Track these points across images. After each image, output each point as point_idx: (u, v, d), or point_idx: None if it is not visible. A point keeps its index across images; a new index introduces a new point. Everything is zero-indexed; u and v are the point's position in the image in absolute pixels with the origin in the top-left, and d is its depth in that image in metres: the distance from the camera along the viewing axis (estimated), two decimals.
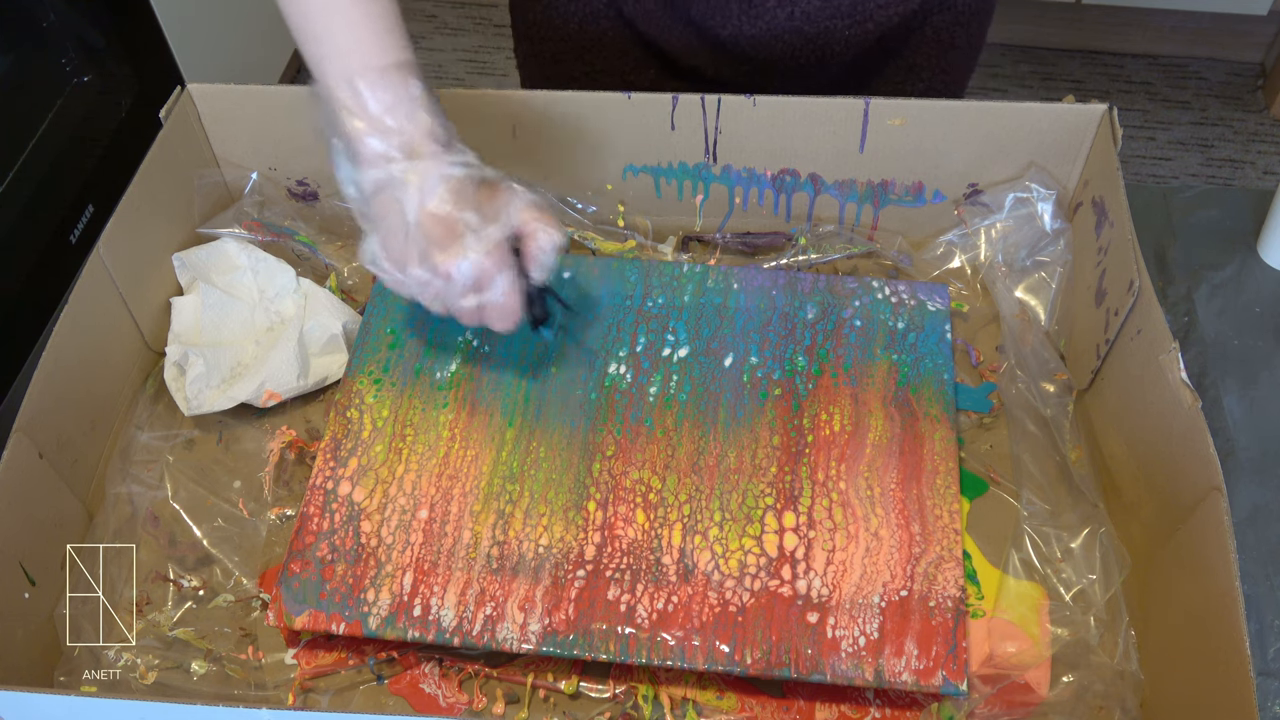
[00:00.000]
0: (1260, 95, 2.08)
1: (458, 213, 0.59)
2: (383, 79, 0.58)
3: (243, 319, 0.76)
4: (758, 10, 0.77)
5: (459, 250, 0.59)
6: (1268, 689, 0.63)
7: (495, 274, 0.60)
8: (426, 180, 0.58)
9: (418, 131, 0.58)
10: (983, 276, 0.78)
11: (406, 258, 0.59)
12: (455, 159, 0.59)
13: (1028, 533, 0.65)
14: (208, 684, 0.63)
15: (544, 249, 0.61)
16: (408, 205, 0.58)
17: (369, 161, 0.59)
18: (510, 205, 0.60)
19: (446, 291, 0.60)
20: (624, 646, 0.60)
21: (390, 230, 0.59)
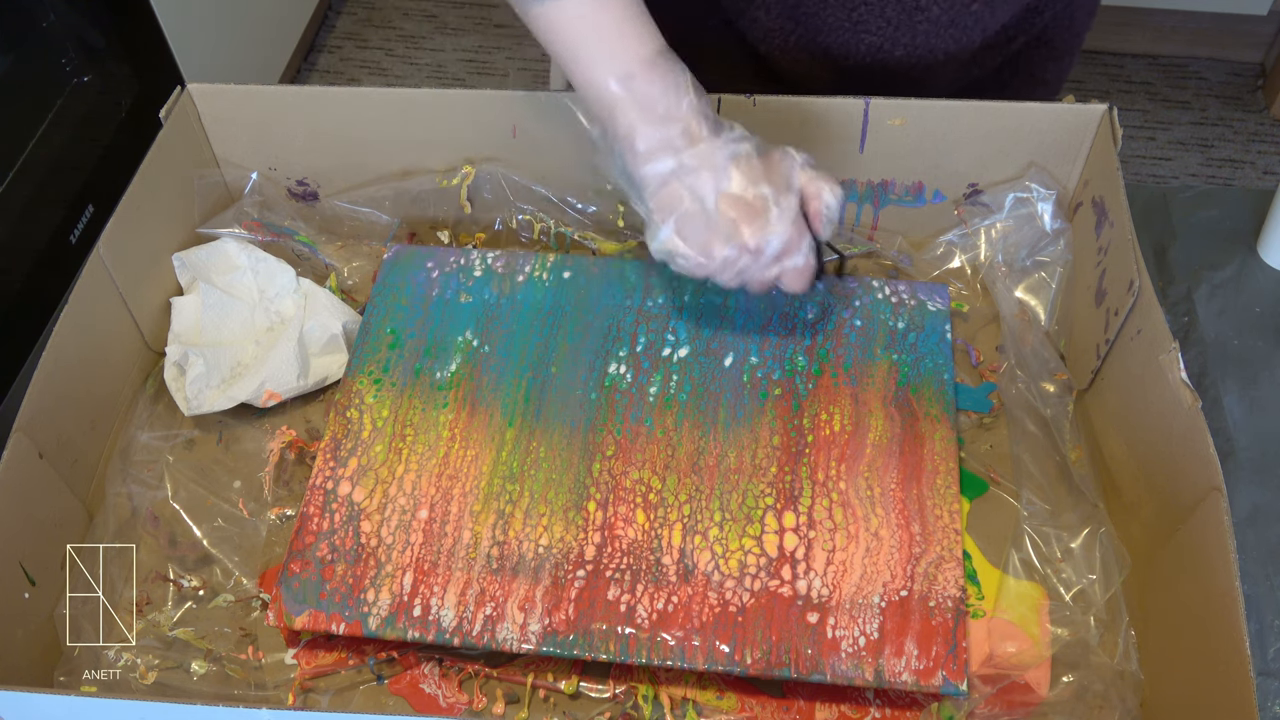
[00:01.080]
0: (1260, 95, 2.08)
1: (754, 189, 0.60)
2: (650, 71, 0.59)
3: (243, 319, 0.76)
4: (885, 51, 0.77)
5: (765, 225, 0.60)
6: (1268, 689, 0.63)
7: (799, 240, 0.62)
8: (715, 163, 0.60)
9: (691, 115, 0.60)
10: (983, 276, 0.78)
11: (711, 240, 0.61)
12: (733, 136, 0.61)
13: (1028, 533, 0.65)
14: (208, 684, 0.63)
15: (830, 205, 0.63)
16: (703, 190, 0.60)
17: (651, 154, 0.60)
18: (793, 170, 0.62)
19: (753, 265, 0.62)
20: (624, 646, 0.60)
21: (687, 216, 0.61)
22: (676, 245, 0.62)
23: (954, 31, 0.75)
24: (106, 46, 1.35)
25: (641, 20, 0.60)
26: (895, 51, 0.77)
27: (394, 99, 0.77)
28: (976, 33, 0.76)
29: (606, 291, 0.75)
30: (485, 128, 0.78)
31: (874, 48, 0.77)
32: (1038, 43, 0.82)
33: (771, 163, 0.62)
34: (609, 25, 0.59)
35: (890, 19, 0.75)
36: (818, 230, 0.64)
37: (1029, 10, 0.78)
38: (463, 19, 2.31)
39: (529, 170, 0.80)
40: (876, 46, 0.77)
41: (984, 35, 0.77)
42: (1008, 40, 0.80)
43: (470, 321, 0.74)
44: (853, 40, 0.77)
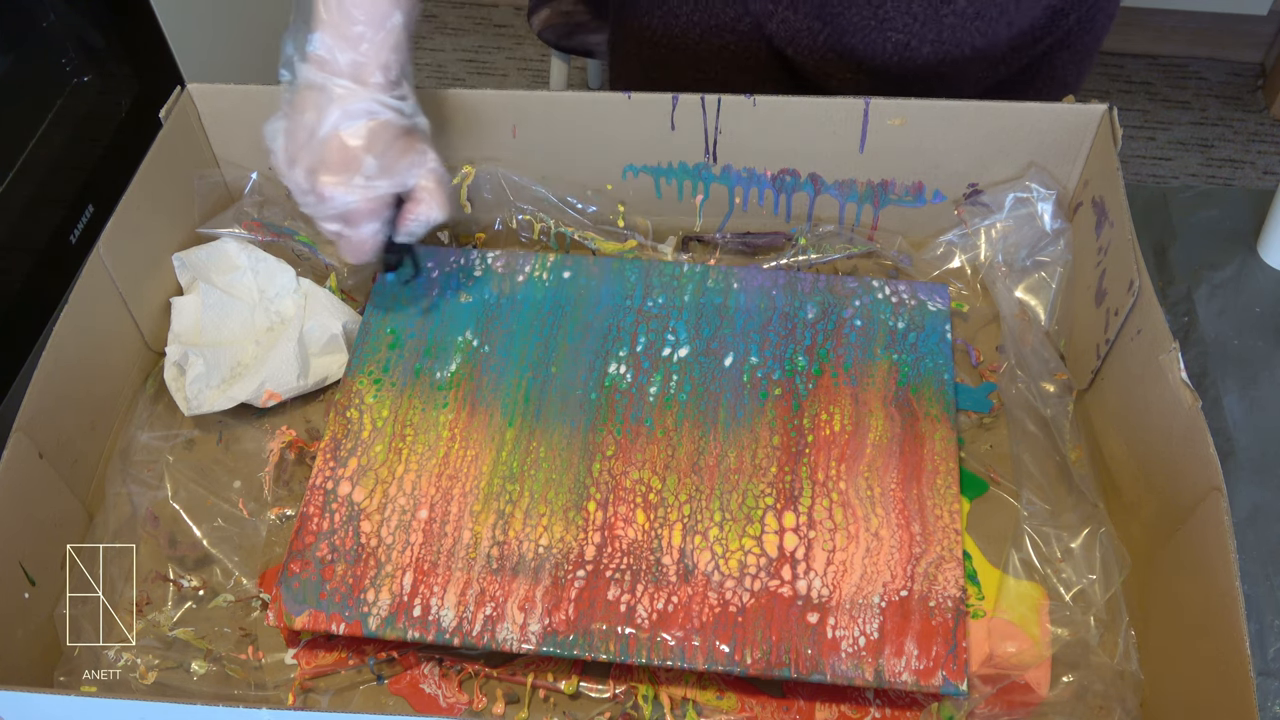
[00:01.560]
0: (1260, 95, 2.08)
1: (362, 151, 0.61)
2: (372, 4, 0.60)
3: (243, 319, 0.76)
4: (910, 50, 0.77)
5: (343, 183, 0.62)
6: (1268, 689, 0.63)
7: (366, 219, 0.64)
8: (353, 109, 0.61)
9: (374, 58, 0.61)
10: (983, 276, 0.78)
11: (297, 159, 0.63)
12: (389, 99, 0.61)
13: (1028, 533, 0.65)
14: (208, 684, 0.63)
15: (418, 219, 0.66)
16: (325, 118, 0.61)
17: (318, 61, 0.61)
18: (413, 168, 0.64)
19: (316, 209, 0.64)
20: (624, 646, 0.60)
21: (299, 125, 0.62)
22: (277, 140, 0.64)
23: (980, 24, 0.75)
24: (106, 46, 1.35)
25: None
26: (922, 49, 0.77)
27: None
28: (1002, 26, 0.76)
29: (606, 291, 0.75)
30: (485, 128, 0.78)
31: (901, 45, 0.77)
32: (1061, 45, 0.82)
33: (406, 146, 0.63)
34: None
35: (916, 14, 0.75)
36: (403, 228, 0.66)
37: (1055, 13, 0.78)
38: (463, 19, 2.31)
39: (529, 170, 0.80)
40: (903, 44, 0.77)
41: (1010, 31, 0.77)
42: (1034, 41, 0.80)
43: (470, 321, 0.74)
44: (879, 38, 0.77)
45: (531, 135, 0.78)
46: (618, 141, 0.78)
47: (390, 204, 0.65)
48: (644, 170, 0.79)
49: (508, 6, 2.30)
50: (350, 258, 0.67)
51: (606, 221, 0.82)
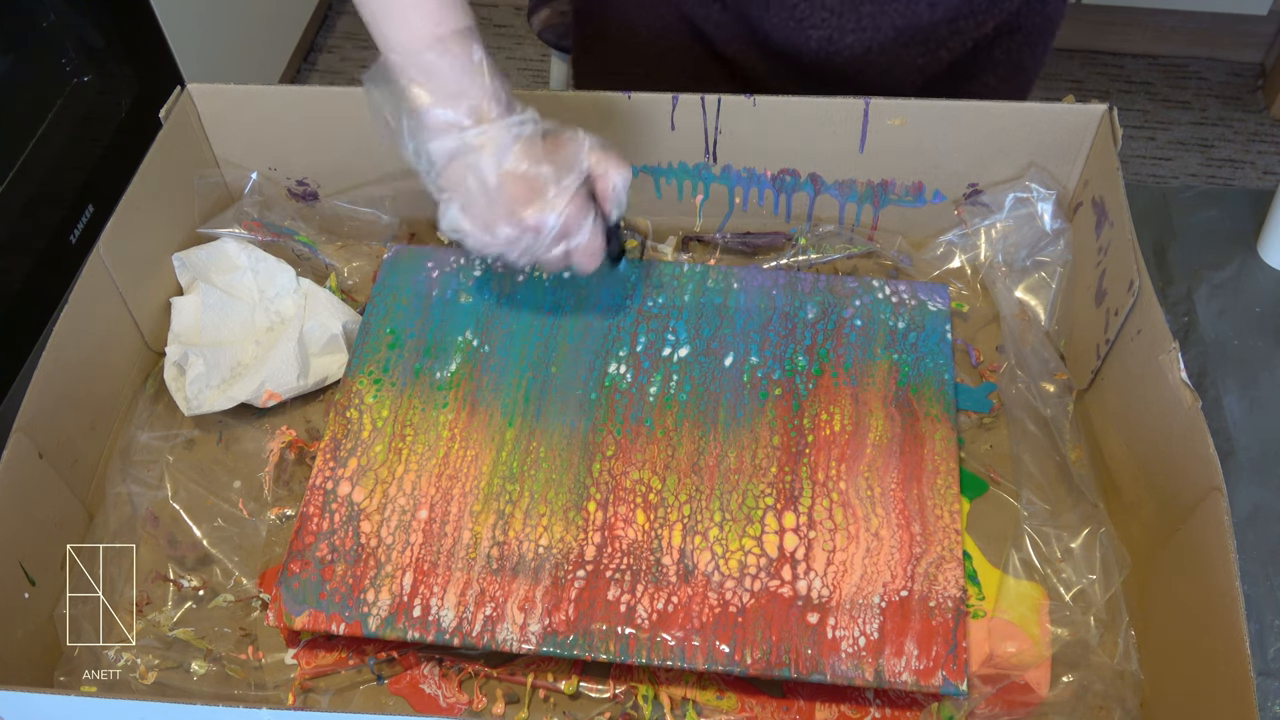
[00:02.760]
0: (1260, 95, 2.08)
1: (535, 168, 0.61)
2: (447, 47, 0.60)
3: (243, 319, 0.76)
4: (835, 44, 0.77)
5: (544, 203, 0.61)
6: (1268, 689, 0.63)
7: (580, 219, 0.63)
8: (499, 142, 0.60)
9: (483, 96, 0.60)
10: (983, 276, 0.78)
11: (493, 218, 0.62)
12: (520, 118, 0.62)
13: (1028, 533, 0.65)
14: (208, 684, 0.63)
15: (616, 186, 0.64)
16: (485, 169, 0.60)
17: (439, 130, 0.61)
18: (579, 151, 0.63)
19: (536, 244, 0.63)
20: (624, 647, 0.60)
21: (470, 195, 0.61)
22: (462, 223, 0.63)
23: (897, 5, 0.75)
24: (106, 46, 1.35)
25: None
26: (846, 39, 0.77)
27: None
28: (923, 6, 0.76)
29: (606, 291, 0.75)
30: None
31: (824, 40, 0.77)
32: (1011, 28, 0.82)
33: (558, 143, 0.63)
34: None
35: (832, 8, 0.75)
36: (605, 210, 0.65)
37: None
38: None
39: None
40: (826, 39, 0.77)
41: (934, 13, 0.76)
42: (976, 24, 0.79)
43: (470, 321, 0.74)
44: (801, 37, 0.77)
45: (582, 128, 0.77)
46: (618, 141, 0.77)
47: (588, 196, 0.64)
48: (644, 170, 0.79)
49: (508, 6, 2.30)
50: (590, 265, 0.65)
51: None
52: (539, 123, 0.62)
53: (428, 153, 0.62)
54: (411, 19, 0.60)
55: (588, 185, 0.64)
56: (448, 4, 0.61)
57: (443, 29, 0.60)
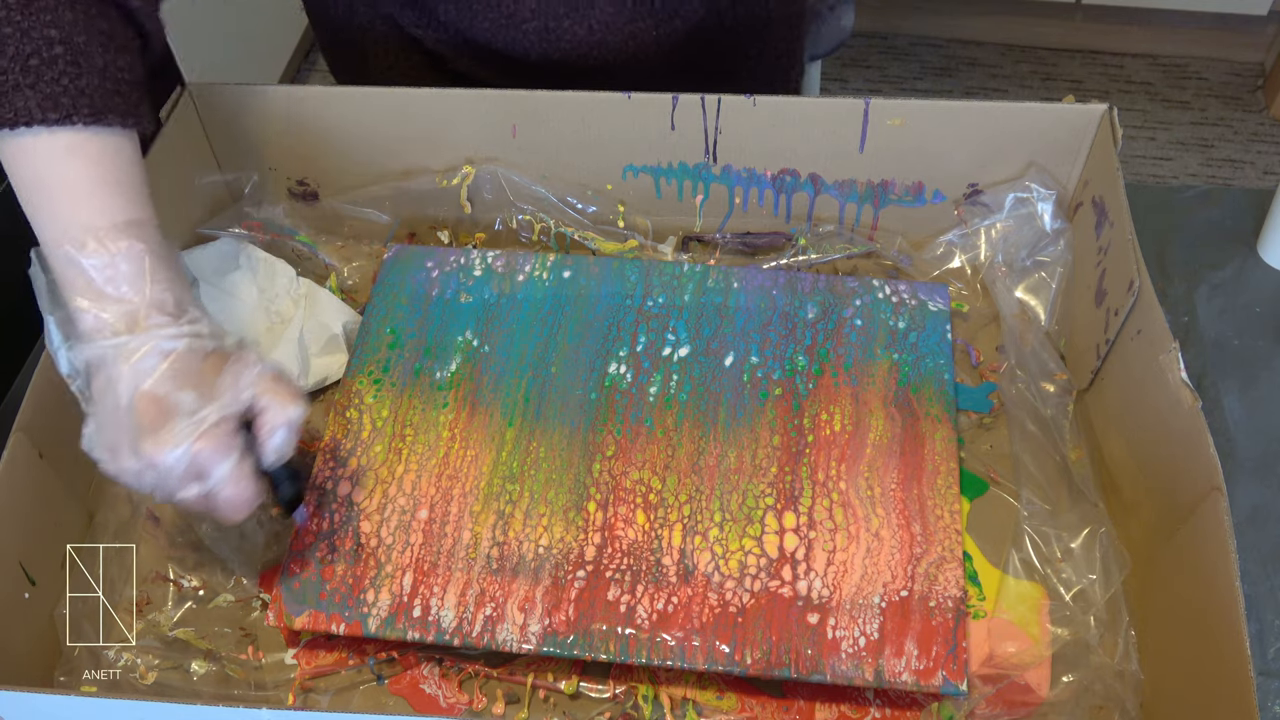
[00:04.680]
0: (1260, 95, 2.08)
1: (174, 392, 0.52)
2: (101, 245, 0.53)
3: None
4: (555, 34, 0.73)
5: (168, 436, 0.52)
6: (1268, 689, 0.63)
7: (217, 460, 0.53)
8: (142, 356, 0.52)
9: (141, 302, 0.53)
10: (983, 276, 0.78)
11: (118, 445, 0.53)
12: (180, 330, 0.53)
13: (1028, 533, 0.65)
14: (208, 684, 0.63)
15: (273, 426, 0.55)
16: (121, 386, 0.52)
17: (85, 336, 0.53)
18: (240, 379, 0.54)
19: (161, 483, 0.54)
20: (624, 647, 0.60)
21: (104, 414, 0.54)
22: (93, 446, 0.55)
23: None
24: None
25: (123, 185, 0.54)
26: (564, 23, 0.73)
27: (394, 99, 0.77)
28: None
29: (606, 291, 0.75)
30: (485, 128, 0.78)
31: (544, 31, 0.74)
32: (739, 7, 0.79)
33: (214, 365, 0.54)
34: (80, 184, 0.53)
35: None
36: (262, 455, 0.56)
37: None
38: None
39: (529, 170, 0.80)
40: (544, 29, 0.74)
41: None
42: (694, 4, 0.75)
43: (470, 321, 0.74)
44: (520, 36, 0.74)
45: (531, 135, 0.78)
46: (618, 141, 0.78)
47: (235, 433, 0.54)
48: (644, 170, 0.79)
49: None
50: (235, 516, 0.55)
51: (606, 221, 0.82)
52: (206, 337, 0.54)
53: (74, 361, 0.55)
54: (66, 208, 0.53)
55: (244, 419, 0.55)
56: (115, 192, 0.54)
57: (102, 220, 0.53)
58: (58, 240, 0.53)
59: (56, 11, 0.54)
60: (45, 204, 0.54)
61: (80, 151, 0.54)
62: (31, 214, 0.54)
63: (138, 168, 0.56)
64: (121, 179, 0.55)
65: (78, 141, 0.54)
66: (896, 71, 2.17)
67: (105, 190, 0.54)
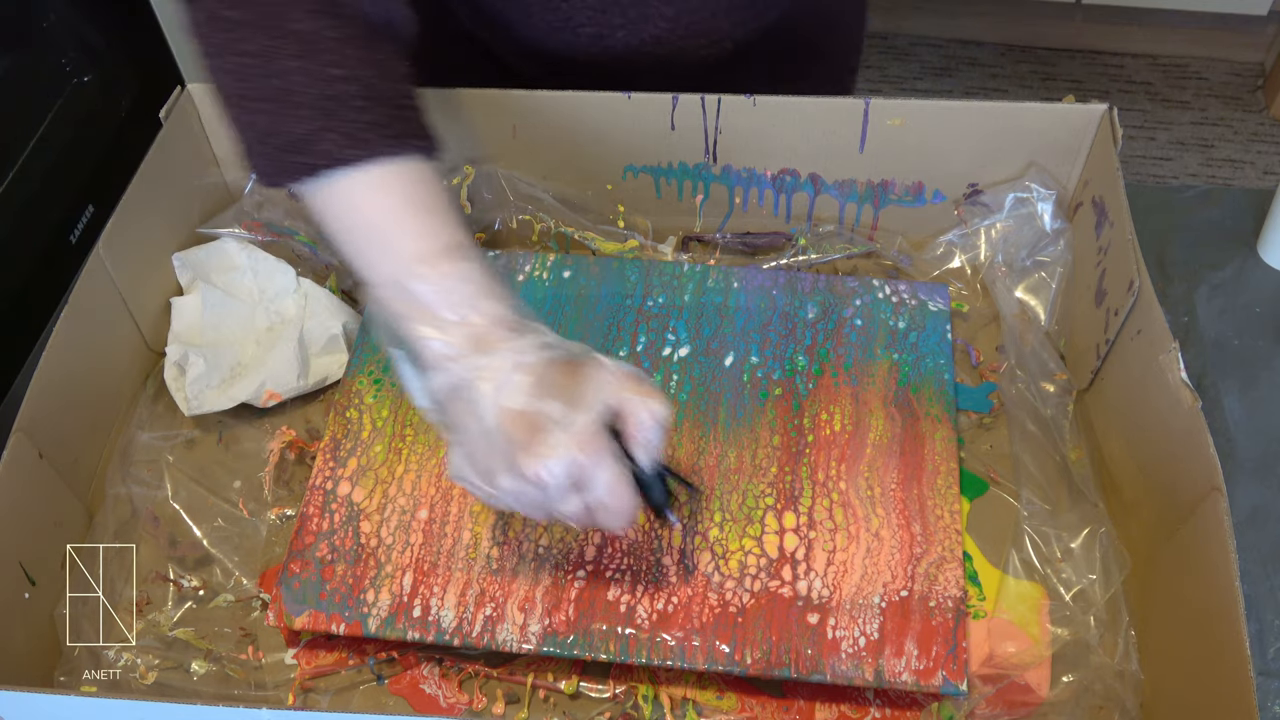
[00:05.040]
0: (1260, 95, 2.08)
1: (539, 405, 0.50)
2: (433, 270, 0.52)
3: (243, 319, 0.76)
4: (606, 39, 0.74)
5: (545, 449, 0.50)
6: (1268, 689, 0.63)
7: (595, 469, 0.50)
8: (499, 374, 0.51)
9: (483, 321, 0.52)
10: (983, 276, 0.78)
11: (491, 467, 0.51)
12: (529, 342, 0.52)
13: (1028, 533, 0.65)
14: (208, 684, 0.63)
15: (645, 426, 0.52)
16: (483, 406, 0.51)
17: (435, 365, 0.52)
18: (599, 383, 0.51)
19: (544, 499, 0.51)
20: (624, 647, 0.60)
21: (471, 439, 0.52)
22: (465, 472, 0.53)
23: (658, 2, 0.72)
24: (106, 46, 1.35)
25: (436, 209, 0.53)
26: (617, 34, 0.73)
27: None
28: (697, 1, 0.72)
29: (606, 291, 0.75)
30: (485, 128, 0.78)
31: (595, 36, 0.74)
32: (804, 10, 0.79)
33: (574, 372, 0.51)
34: (397, 215, 0.53)
35: (593, 4, 0.71)
36: (634, 456, 0.53)
37: None
38: None
39: (529, 170, 0.80)
40: (597, 35, 0.74)
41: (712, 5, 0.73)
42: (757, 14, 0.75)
43: None
44: (573, 38, 0.74)
45: (531, 135, 0.78)
46: (618, 141, 0.78)
47: (608, 439, 0.51)
48: (644, 170, 0.79)
49: None
50: (622, 524, 0.53)
51: (606, 221, 0.82)
52: (556, 348, 0.52)
53: (430, 390, 0.53)
54: (395, 242, 0.52)
55: (614, 423, 0.52)
56: (432, 218, 0.53)
57: (426, 245, 0.52)
58: (388, 275, 0.52)
59: (338, 51, 0.53)
60: (366, 243, 0.53)
61: (389, 184, 0.53)
62: (352, 255, 0.54)
63: (443, 190, 0.55)
64: (433, 204, 0.53)
65: (385, 175, 0.53)
66: (896, 71, 2.17)
67: (422, 217, 0.53)
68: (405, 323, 0.52)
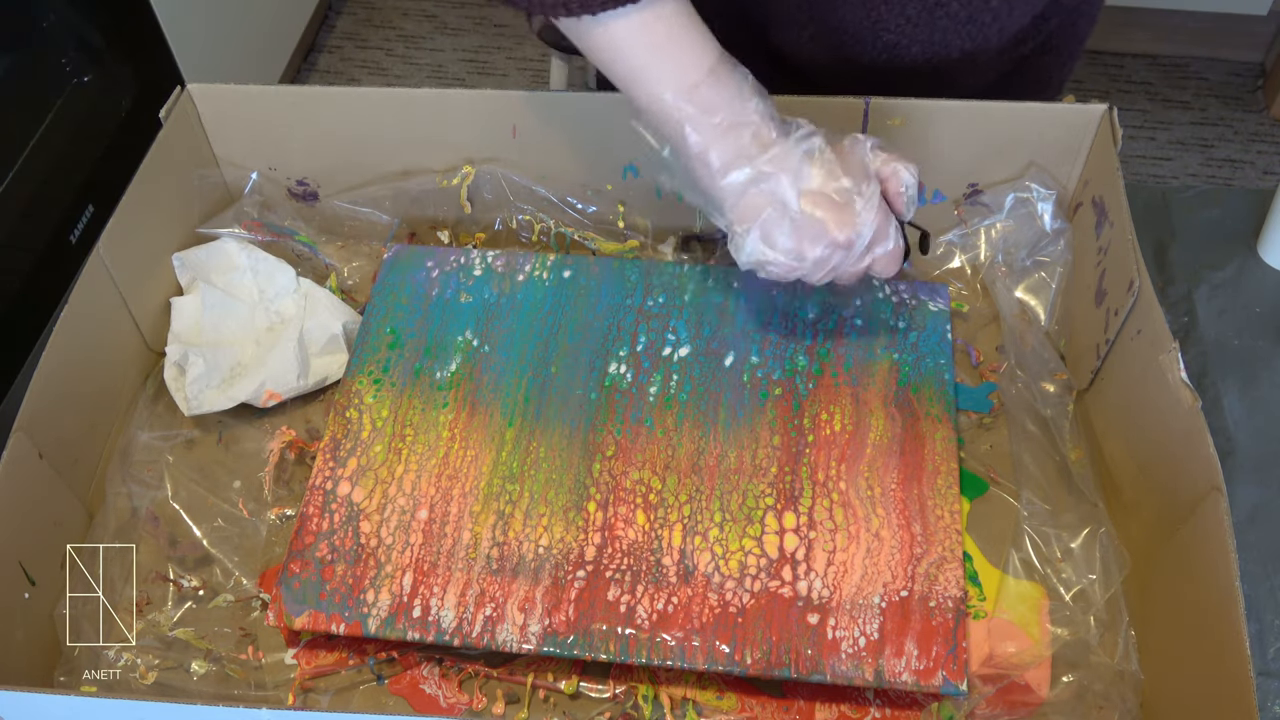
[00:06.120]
0: (1260, 95, 2.08)
1: (834, 183, 0.60)
2: (713, 80, 0.59)
3: (243, 319, 0.76)
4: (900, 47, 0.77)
5: (854, 218, 0.60)
6: (1268, 689, 0.63)
7: (886, 226, 0.61)
8: (791, 163, 0.59)
9: (759, 119, 0.59)
10: (983, 276, 0.78)
11: (801, 242, 0.60)
12: (801, 134, 0.60)
13: (1028, 533, 0.65)
14: (208, 684, 0.63)
15: (909, 184, 0.62)
16: (784, 194, 0.59)
17: (726, 166, 0.59)
18: (865, 156, 0.62)
19: (846, 260, 0.61)
20: (624, 647, 0.60)
21: (772, 223, 0.60)
22: (765, 253, 0.61)
23: (971, 29, 0.75)
24: (106, 46, 1.35)
25: (697, 29, 0.59)
26: (911, 49, 0.76)
27: (394, 99, 0.77)
28: (994, 31, 0.76)
29: (606, 291, 0.75)
30: (485, 128, 0.78)
31: (891, 45, 0.76)
32: (1044, 49, 0.82)
33: (844, 153, 0.61)
34: (667, 39, 0.59)
35: (910, 16, 0.74)
36: (899, 211, 0.63)
37: (1038, 18, 0.78)
38: (463, 19, 2.31)
39: (529, 170, 0.80)
40: (893, 44, 0.76)
41: (1000, 36, 0.76)
42: (1018, 45, 0.80)
43: (470, 321, 0.74)
44: (871, 38, 0.76)
45: (531, 135, 0.78)
46: (618, 141, 0.78)
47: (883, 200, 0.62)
48: None
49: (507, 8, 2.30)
50: (893, 270, 0.64)
51: (606, 221, 0.82)
52: (819, 133, 0.61)
53: (717, 191, 0.60)
54: (680, 57, 0.59)
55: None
56: (702, 35, 0.59)
57: (707, 60, 0.59)
58: (680, 86, 0.59)
59: None
60: (643, 68, 0.59)
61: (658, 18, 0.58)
62: (630, 83, 0.60)
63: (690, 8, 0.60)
64: (699, 26, 0.60)
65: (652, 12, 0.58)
66: None
67: (693, 38, 0.59)
68: (693, 134, 0.59)
